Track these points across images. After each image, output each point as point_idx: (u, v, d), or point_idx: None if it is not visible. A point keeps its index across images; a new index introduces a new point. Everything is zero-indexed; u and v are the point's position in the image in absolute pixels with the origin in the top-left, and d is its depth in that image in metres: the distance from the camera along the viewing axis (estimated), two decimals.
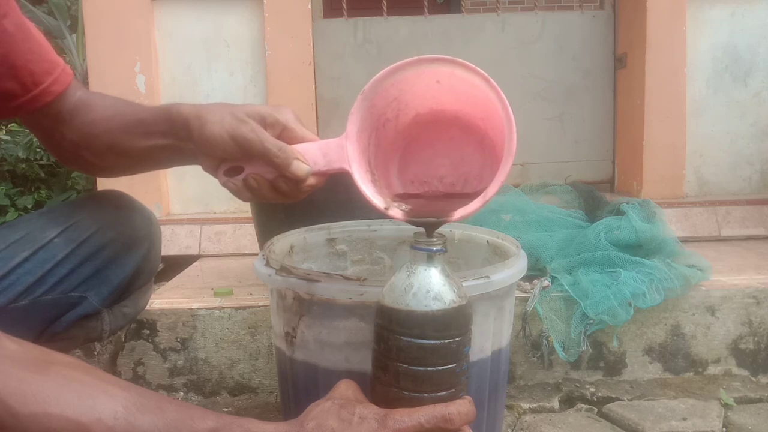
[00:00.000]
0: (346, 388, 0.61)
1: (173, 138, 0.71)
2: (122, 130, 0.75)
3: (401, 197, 0.69)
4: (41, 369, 0.51)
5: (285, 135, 0.68)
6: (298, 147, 0.67)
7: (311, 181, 0.68)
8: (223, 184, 0.69)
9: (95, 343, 1.20)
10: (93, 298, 0.81)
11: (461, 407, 0.58)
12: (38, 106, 0.75)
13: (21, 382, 0.49)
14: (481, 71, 0.61)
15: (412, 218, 0.64)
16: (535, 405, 1.16)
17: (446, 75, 0.64)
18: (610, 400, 1.17)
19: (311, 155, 0.66)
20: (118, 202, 0.86)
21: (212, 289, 1.38)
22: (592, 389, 1.20)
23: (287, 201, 0.70)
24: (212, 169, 0.70)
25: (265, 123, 0.67)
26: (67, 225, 0.79)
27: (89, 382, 0.53)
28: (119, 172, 0.85)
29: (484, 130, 0.66)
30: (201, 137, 0.67)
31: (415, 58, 0.64)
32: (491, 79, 0.61)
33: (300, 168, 0.66)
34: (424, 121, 0.69)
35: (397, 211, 0.64)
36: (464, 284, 0.63)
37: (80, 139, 0.79)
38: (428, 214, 0.65)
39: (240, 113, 0.67)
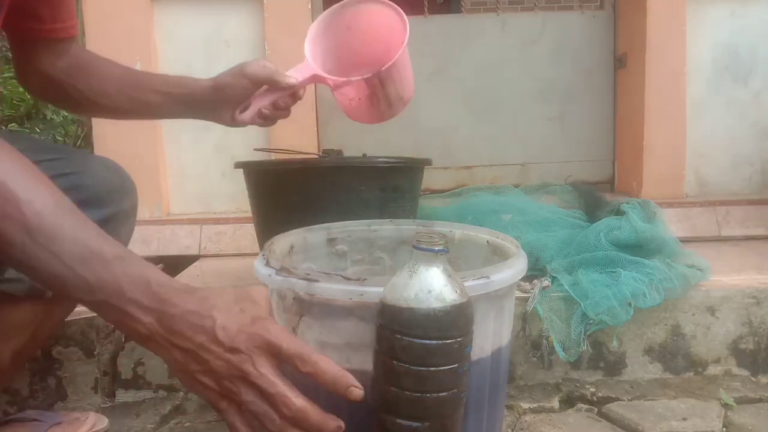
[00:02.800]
0: (258, 293, 0.63)
1: (191, 97, 1.07)
2: (135, 89, 1.02)
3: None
4: None
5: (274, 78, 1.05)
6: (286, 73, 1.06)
7: (299, 92, 1.07)
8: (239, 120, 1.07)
9: (94, 342, 1.20)
10: None
11: (328, 367, 0.59)
12: (55, 38, 0.94)
13: None
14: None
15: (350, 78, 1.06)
16: (535, 405, 1.16)
17: (353, 17, 1.11)
18: (610, 400, 1.17)
19: (293, 74, 1.08)
20: (107, 163, 0.99)
21: None
22: (592, 389, 1.20)
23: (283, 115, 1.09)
24: (228, 119, 1.09)
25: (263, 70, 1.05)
26: (54, 156, 0.89)
27: (36, 170, 0.57)
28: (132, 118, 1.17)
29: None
30: (219, 87, 1.06)
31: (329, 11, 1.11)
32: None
33: (291, 78, 1.05)
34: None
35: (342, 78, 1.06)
36: (464, 284, 0.63)
37: (90, 92, 1.00)
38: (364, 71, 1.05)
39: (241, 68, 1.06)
